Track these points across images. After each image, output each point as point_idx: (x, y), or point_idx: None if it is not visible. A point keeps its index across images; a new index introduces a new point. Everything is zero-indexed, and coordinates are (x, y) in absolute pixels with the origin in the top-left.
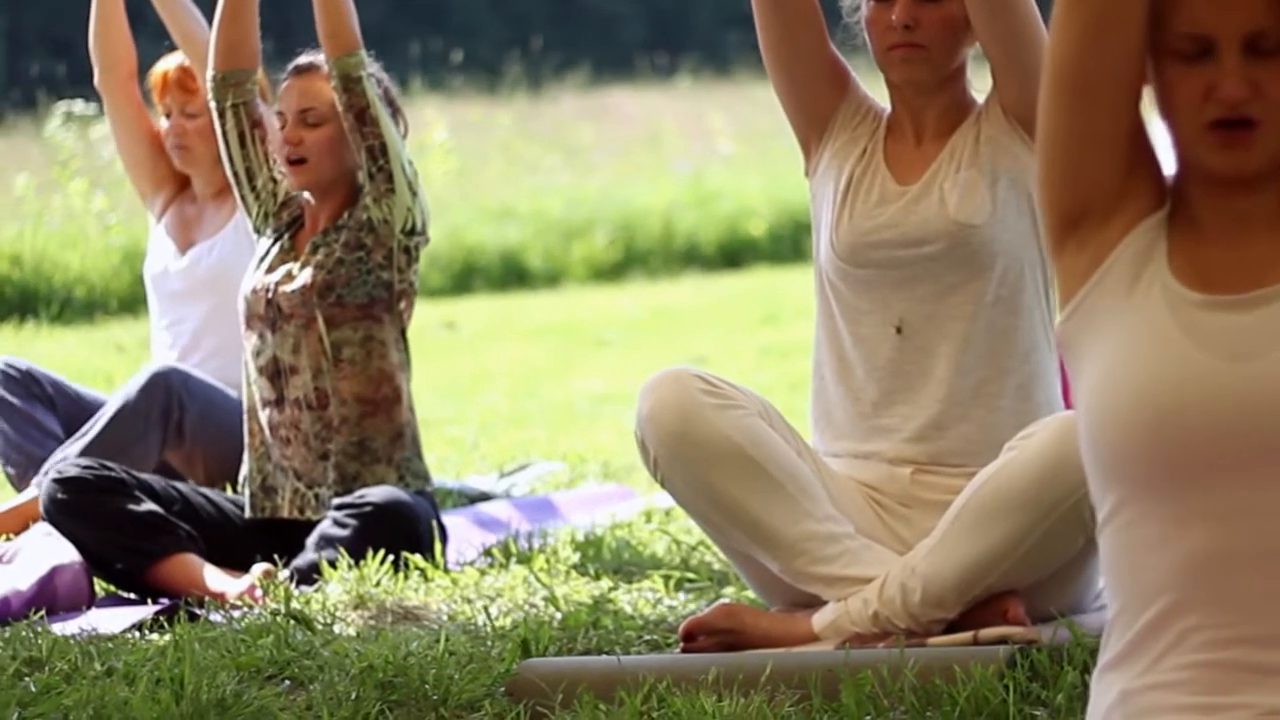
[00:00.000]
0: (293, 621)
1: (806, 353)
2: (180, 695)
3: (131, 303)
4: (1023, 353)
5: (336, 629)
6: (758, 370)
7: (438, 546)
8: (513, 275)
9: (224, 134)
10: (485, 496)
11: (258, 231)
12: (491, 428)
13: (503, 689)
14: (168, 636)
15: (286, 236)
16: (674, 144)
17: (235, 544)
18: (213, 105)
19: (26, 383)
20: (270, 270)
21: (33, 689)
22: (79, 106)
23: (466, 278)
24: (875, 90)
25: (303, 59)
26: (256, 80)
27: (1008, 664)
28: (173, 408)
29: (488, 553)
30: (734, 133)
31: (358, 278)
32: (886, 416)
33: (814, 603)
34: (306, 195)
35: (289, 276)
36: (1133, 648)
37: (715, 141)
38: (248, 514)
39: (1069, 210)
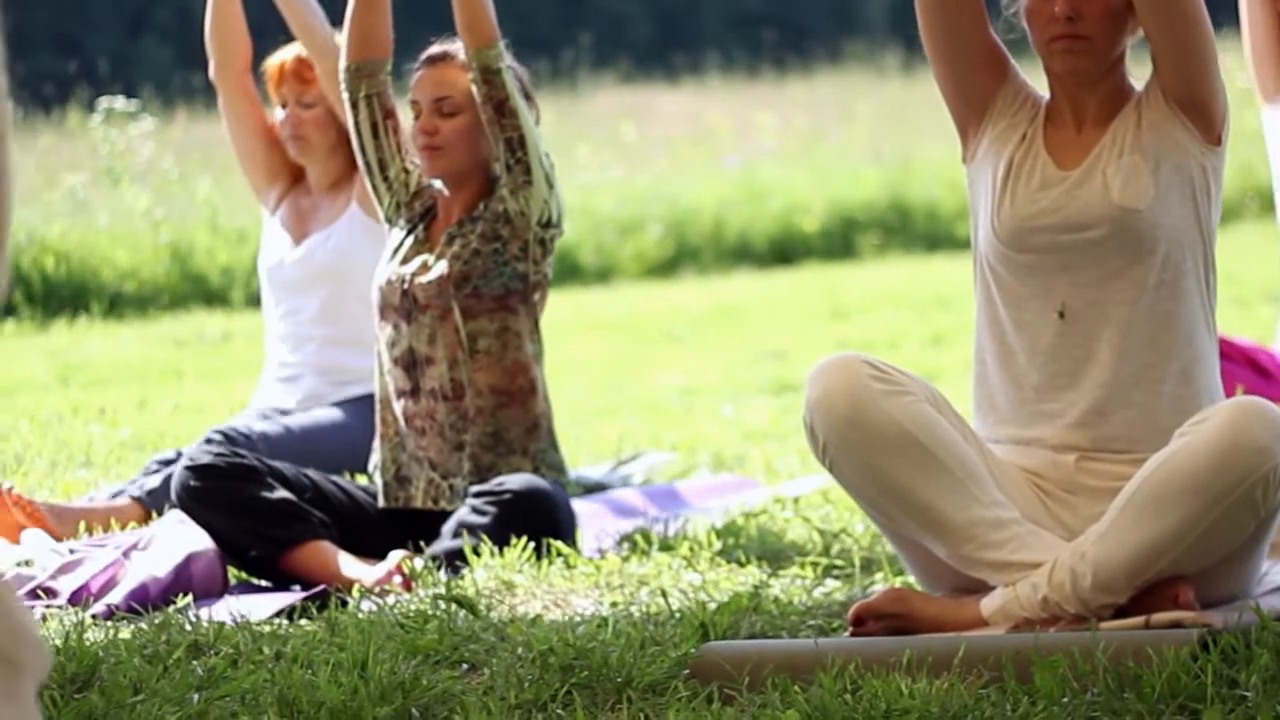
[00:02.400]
0: (455, 606)
1: (883, 346)
2: (365, 678)
3: (183, 298)
4: (1184, 338)
5: (492, 615)
6: None
7: (578, 534)
8: (565, 271)
9: (356, 125)
10: (601, 486)
11: (390, 222)
12: (581, 421)
13: (685, 671)
14: (319, 623)
15: (420, 227)
16: (721, 141)
17: (367, 532)
18: (346, 96)
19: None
20: (405, 261)
21: (200, 672)
22: (120, 103)
23: None
24: (1032, 78)
25: (436, 48)
26: (389, 70)
27: (1201, 646)
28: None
29: (627, 540)
30: (778, 130)
31: (494, 269)
32: (1049, 402)
33: (977, 588)
34: (440, 185)
35: (424, 267)
36: None
37: (761, 138)
38: (381, 503)
39: None
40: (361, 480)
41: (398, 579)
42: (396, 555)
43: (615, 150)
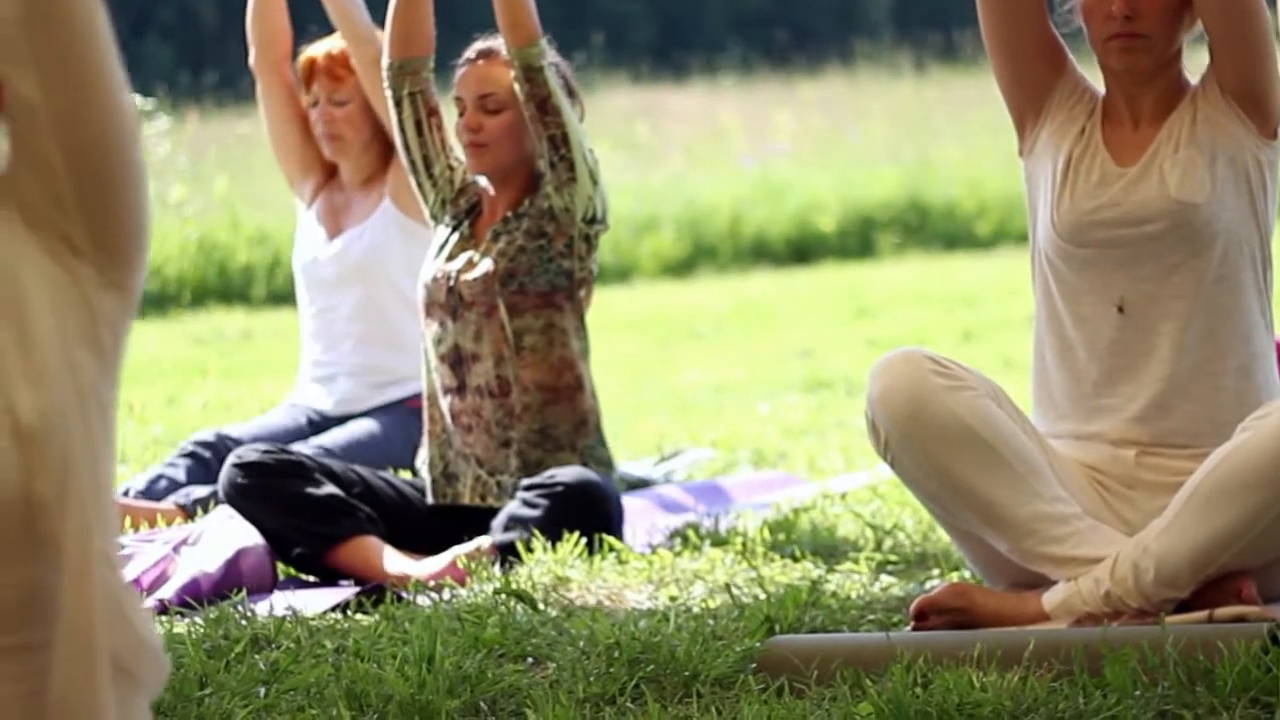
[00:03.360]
0: (515, 600)
1: (911, 344)
2: (433, 672)
3: (201, 296)
4: (1242, 333)
5: (549, 609)
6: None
7: (627, 528)
8: None
9: (400, 123)
10: (644, 482)
11: (434, 219)
12: (615, 418)
13: (753, 665)
14: (375, 617)
15: (465, 224)
16: (734, 140)
17: (416, 528)
18: (389, 94)
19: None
20: (450, 258)
21: (261, 667)
22: (137, 101)
23: None
24: (1088, 73)
25: (480, 44)
26: (432, 68)
27: (1271, 640)
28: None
29: (677, 535)
30: (793, 129)
31: (539, 266)
32: (1108, 396)
33: (1037, 583)
34: (485, 182)
35: (470, 264)
36: None
37: (777, 137)
38: (429, 500)
39: None
40: (406, 475)
41: (457, 570)
42: (465, 548)
43: (630, 150)
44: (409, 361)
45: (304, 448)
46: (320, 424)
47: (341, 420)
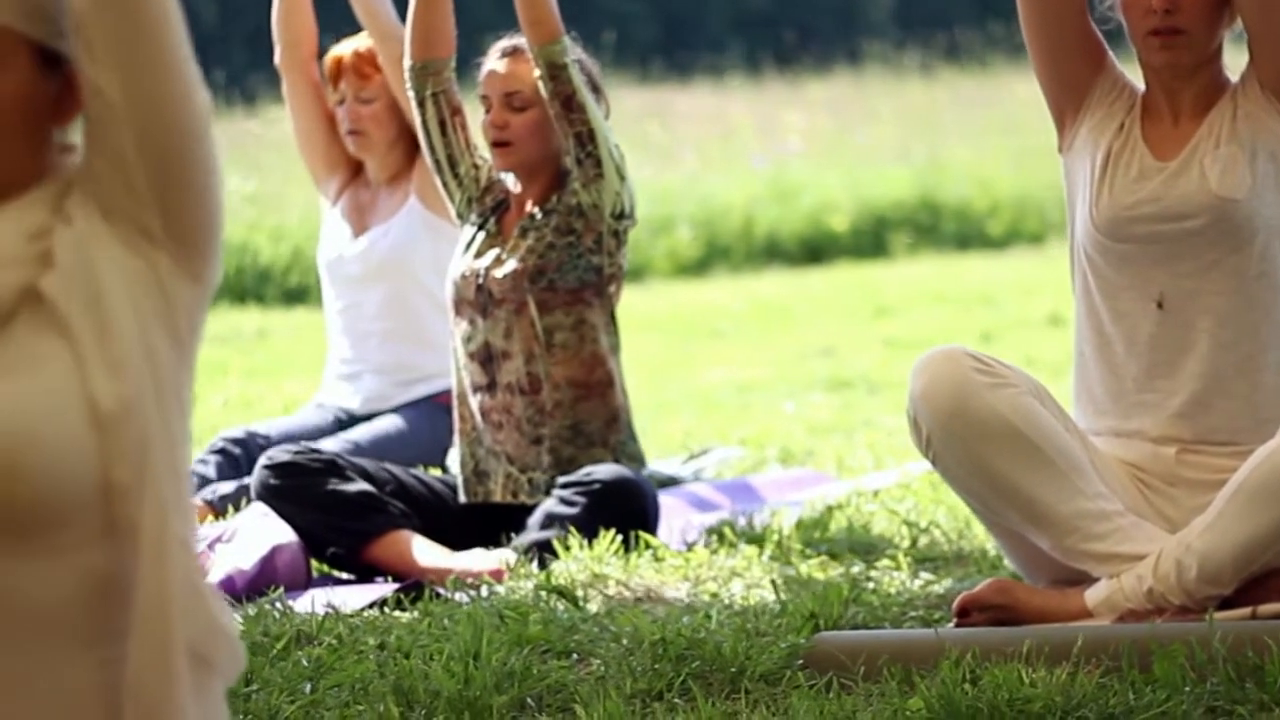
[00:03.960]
0: (556, 597)
1: (929, 345)
2: (479, 667)
3: (219, 294)
4: None
5: (588, 606)
6: (898, 361)
7: (663, 526)
8: None
9: (424, 123)
10: (674, 480)
11: (461, 218)
12: (639, 416)
13: (799, 661)
14: (415, 613)
15: (492, 221)
16: (745, 140)
17: (448, 525)
18: (412, 95)
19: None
20: (478, 255)
21: (304, 663)
22: None
23: None
24: (1127, 70)
25: (505, 42)
26: (453, 68)
27: None
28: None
29: (713, 532)
30: (802, 130)
31: (568, 262)
32: (1148, 392)
33: (1079, 580)
34: (511, 179)
35: (498, 261)
36: None
37: (787, 138)
38: (461, 498)
39: None
40: (435, 473)
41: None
42: (502, 554)
43: (644, 150)
44: (435, 359)
45: (332, 444)
46: (348, 422)
47: (368, 418)
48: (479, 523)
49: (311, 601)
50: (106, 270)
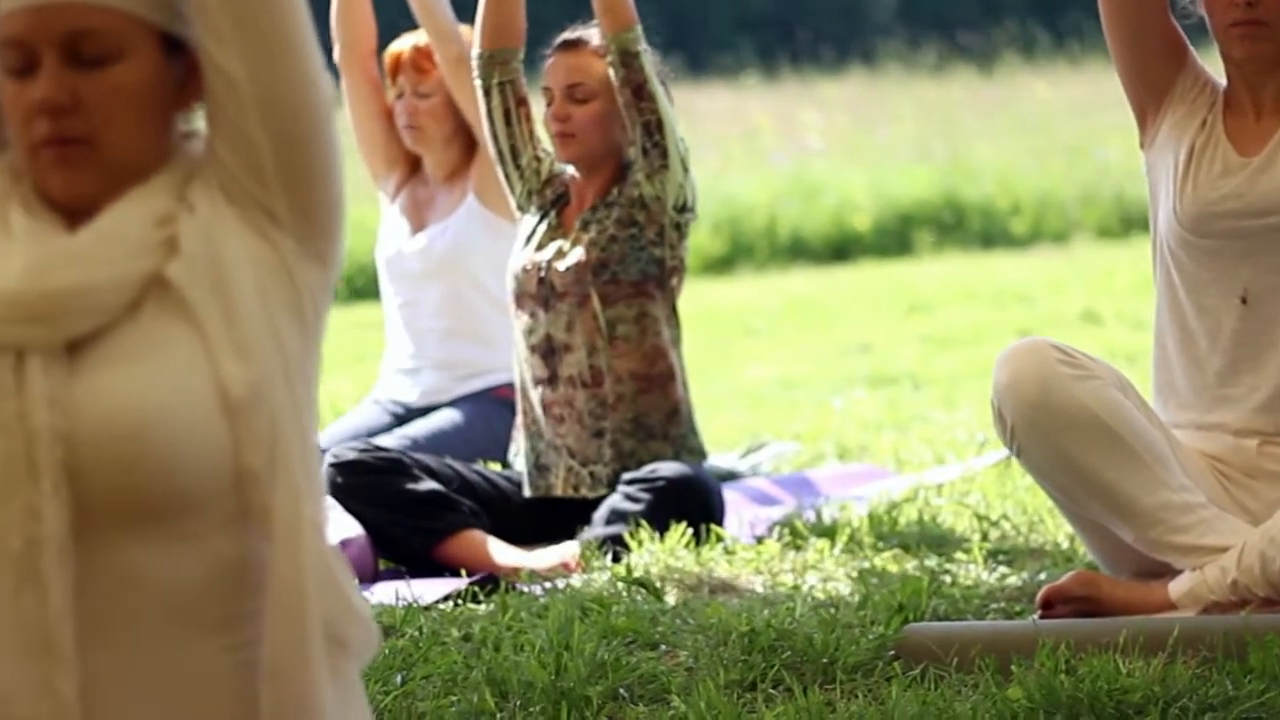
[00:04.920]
0: (637, 589)
1: (968, 341)
2: (572, 658)
3: None
4: None
5: (667, 599)
6: (938, 358)
7: (730, 520)
8: None
9: (489, 112)
10: (731, 475)
11: (521, 210)
12: None
13: (891, 652)
14: (489, 606)
15: (553, 213)
16: (765, 139)
17: (513, 520)
18: (478, 84)
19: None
20: (540, 248)
21: (387, 654)
22: None
23: None
24: (1209, 66)
25: (569, 34)
26: (522, 58)
27: None
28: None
29: (784, 526)
30: (823, 128)
31: (631, 254)
32: (1231, 387)
33: (1160, 572)
34: (572, 171)
35: (560, 254)
36: None
37: (807, 137)
38: (526, 492)
39: None
40: (495, 467)
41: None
42: (571, 548)
43: None
44: (493, 354)
45: (389, 439)
46: (404, 416)
47: (425, 411)
48: (542, 518)
49: (395, 594)
50: (232, 255)
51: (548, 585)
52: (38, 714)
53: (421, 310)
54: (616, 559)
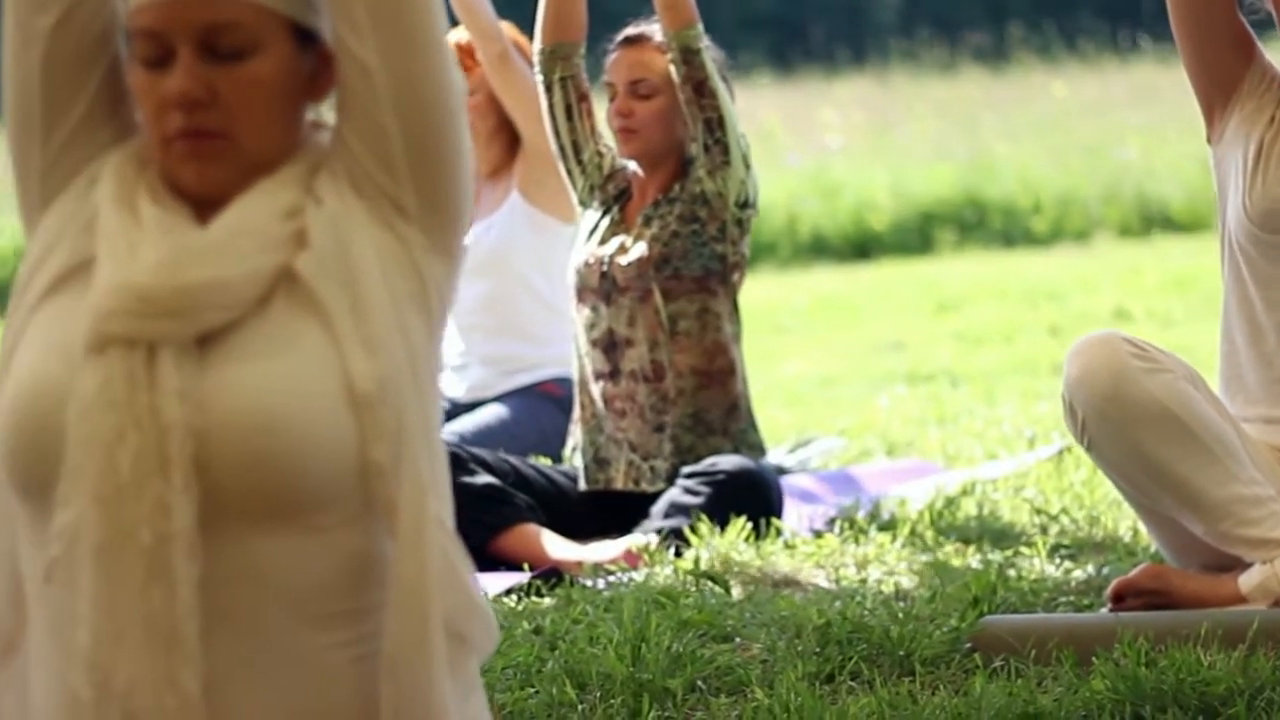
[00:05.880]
0: (706, 582)
1: (999, 338)
2: (649, 650)
3: None
4: None
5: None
6: (973, 355)
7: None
8: None
9: (551, 108)
10: (781, 470)
11: (583, 204)
12: None
13: (967, 644)
14: (552, 599)
15: (615, 208)
16: (780, 138)
17: (568, 514)
18: (540, 79)
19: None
20: (602, 243)
21: None
22: None
23: None
24: (1277, 61)
25: (632, 29)
26: (583, 53)
27: None
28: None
29: (845, 519)
30: (840, 127)
31: (693, 250)
32: None
33: (1229, 565)
34: (634, 166)
35: (622, 249)
36: None
37: (826, 136)
38: (582, 486)
39: None
40: (544, 461)
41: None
42: (633, 541)
43: None
44: (539, 350)
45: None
46: (451, 412)
47: (471, 407)
48: (598, 512)
49: None
50: (360, 248)
51: (611, 579)
52: (162, 708)
53: (468, 306)
54: (678, 553)
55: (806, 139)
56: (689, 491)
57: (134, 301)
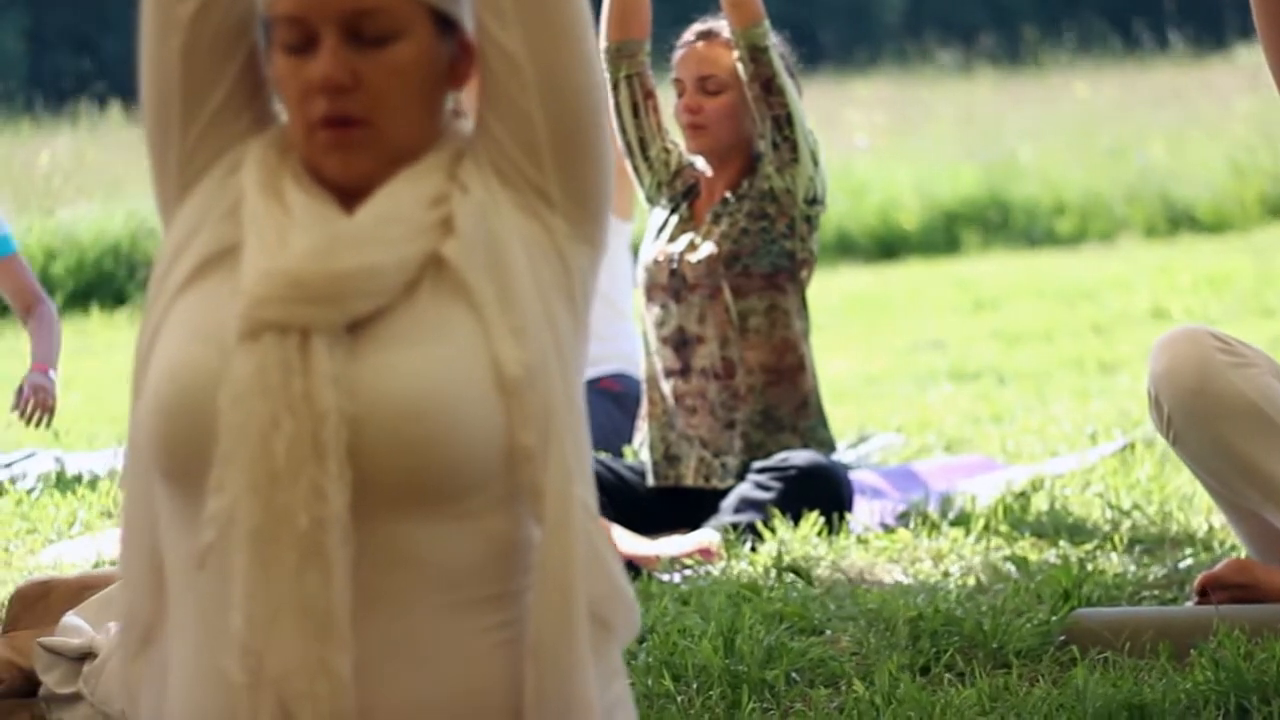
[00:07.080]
0: (790, 575)
1: (1039, 337)
2: (744, 642)
3: None
4: None
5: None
6: (1015, 353)
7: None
8: None
9: (617, 105)
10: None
11: (650, 201)
12: None
13: (1061, 636)
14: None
15: (684, 206)
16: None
17: (636, 509)
18: (607, 77)
19: None
20: (671, 240)
21: None
22: None
23: None
24: None
25: (700, 25)
26: (649, 50)
27: None
28: None
29: (919, 515)
30: (870, 127)
31: (762, 247)
32: None
33: None
34: (701, 163)
35: (692, 246)
36: None
37: (853, 135)
38: (650, 482)
39: None
40: (603, 456)
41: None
42: (710, 535)
43: None
44: (599, 346)
45: None
46: None
47: None
48: (666, 507)
49: None
50: (506, 236)
51: (687, 573)
52: (314, 692)
53: None
54: (753, 548)
55: (828, 140)
56: (760, 487)
57: (287, 288)
